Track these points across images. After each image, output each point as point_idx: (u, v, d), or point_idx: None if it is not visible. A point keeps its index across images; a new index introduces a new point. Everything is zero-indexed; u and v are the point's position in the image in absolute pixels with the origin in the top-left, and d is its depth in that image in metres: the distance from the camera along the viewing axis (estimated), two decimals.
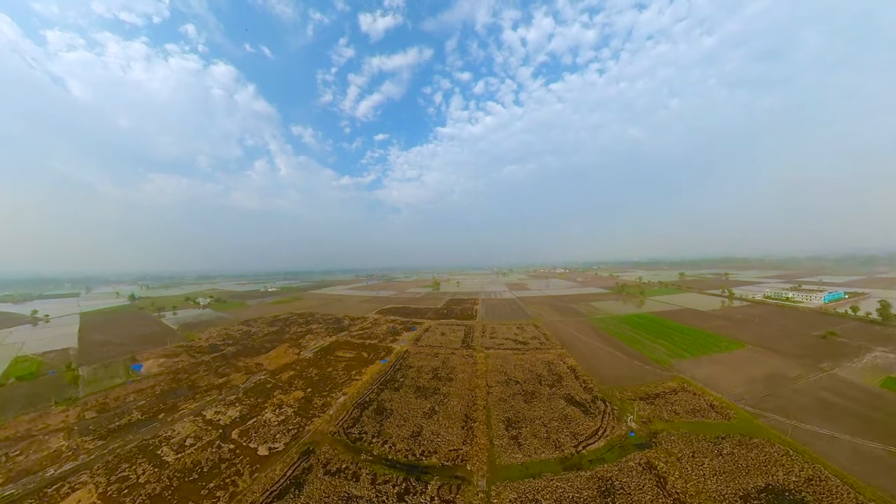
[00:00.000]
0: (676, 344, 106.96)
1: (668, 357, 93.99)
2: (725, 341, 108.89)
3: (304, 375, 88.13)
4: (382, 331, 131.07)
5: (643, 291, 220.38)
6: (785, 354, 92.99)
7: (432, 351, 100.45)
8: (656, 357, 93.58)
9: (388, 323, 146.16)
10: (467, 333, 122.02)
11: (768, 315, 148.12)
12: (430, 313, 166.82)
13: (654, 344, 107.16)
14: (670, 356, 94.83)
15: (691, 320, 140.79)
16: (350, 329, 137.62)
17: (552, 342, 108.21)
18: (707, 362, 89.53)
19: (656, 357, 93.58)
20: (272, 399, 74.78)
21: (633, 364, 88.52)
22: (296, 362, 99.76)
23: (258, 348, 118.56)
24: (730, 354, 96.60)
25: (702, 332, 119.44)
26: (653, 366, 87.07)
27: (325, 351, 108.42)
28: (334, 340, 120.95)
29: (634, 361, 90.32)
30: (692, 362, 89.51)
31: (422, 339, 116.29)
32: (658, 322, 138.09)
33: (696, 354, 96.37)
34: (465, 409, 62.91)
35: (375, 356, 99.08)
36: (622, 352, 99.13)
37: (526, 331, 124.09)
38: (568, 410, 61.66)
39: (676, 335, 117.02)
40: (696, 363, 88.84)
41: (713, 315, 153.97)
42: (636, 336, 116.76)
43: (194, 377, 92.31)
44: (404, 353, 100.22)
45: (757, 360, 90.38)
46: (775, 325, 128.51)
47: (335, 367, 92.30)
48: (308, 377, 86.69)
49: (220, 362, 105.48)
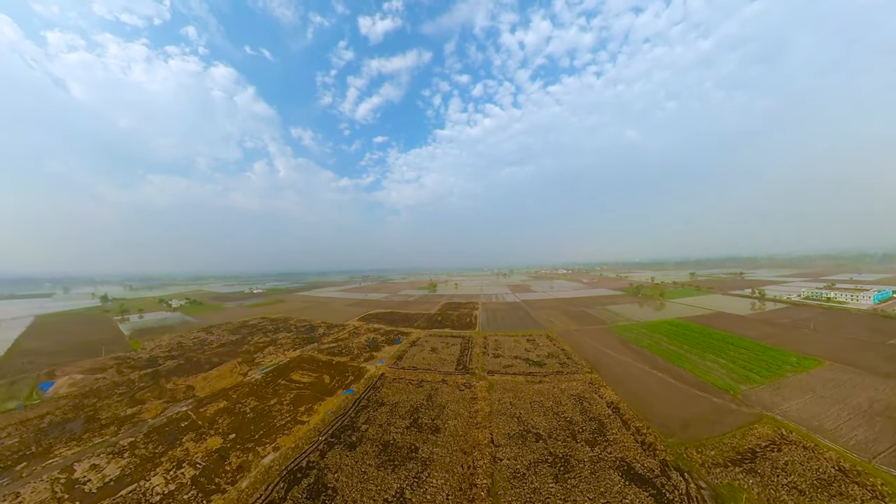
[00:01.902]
0: (733, 360, 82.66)
1: (734, 381, 69.73)
2: (793, 356, 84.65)
3: (237, 410, 63.97)
4: (359, 343, 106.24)
5: (662, 293, 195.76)
6: (877, 373, 69.68)
7: (416, 376, 75.10)
8: (718, 382, 69.25)
9: (368, 333, 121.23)
10: (464, 349, 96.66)
11: (819, 319, 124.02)
12: (422, 320, 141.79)
13: (704, 361, 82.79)
14: (735, 379, 70.58)
15: (733, 327, 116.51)
16: (321, 340, 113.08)
17: (576, 361, 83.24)
18: (787, 388, 65.60)
19: (718, 382, 69.25)
20: (177, 448, 51.10)
21: (693, 394, 64.12)
22: (236, 387, 75.61)
23: (202, 364, 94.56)
24: (809, 374, 72.65)
25: (756, 344, 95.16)
26: (720, 396, 62.80)
27: (278, 371, 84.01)
28: (297, 356, 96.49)
29: (693, 390, 65.88)
30: (769, 389, 65.41)
31: (405, 356, 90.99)
32: (695, 330, 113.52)
33: (767, 376, 72.19)
34: (457, 497, 38.42)
35: (339, 383, 74.56)
36: (670, 374, 74.61)
37: (539, 345, 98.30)
38: (629, 498, 36.70)
39: (727, 348, 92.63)
40: (774, 390, 64.77)
41: (754, 320, 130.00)
42: (678, 350, 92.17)
43: (101, 404, 69.16)
44: (378, 378, 75.29)
45: (847, 381, 66.94)
46: (836, 332, 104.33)
47: (282, 398, 67.91)
48: (240, 413, 62.48)
49: (146, 382, 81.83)
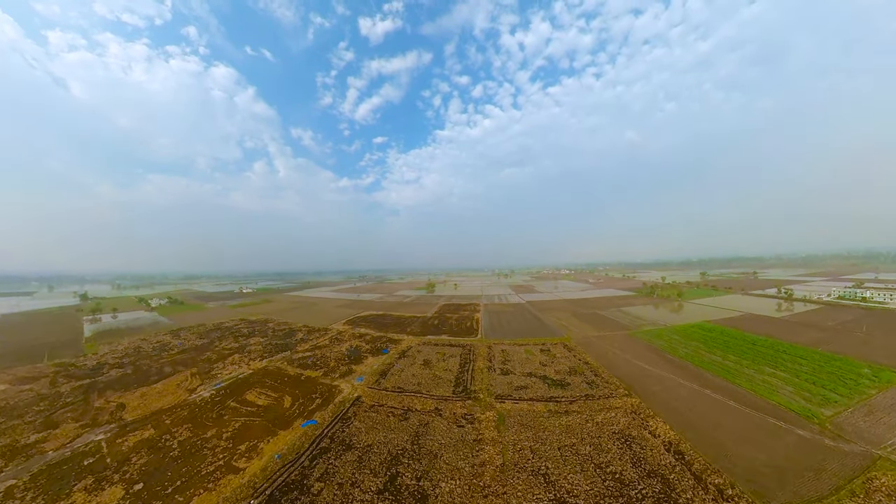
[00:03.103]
0: (796, 374, 66.93)
1: (810, 403, 54.07)
2: (864, 367, 69.15)
3: (162, 444, 48.28)
4: (339, 353, 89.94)
5: (680, 293, 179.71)
6: None
7: (401, 402, 57.76)
8: (792, 404, 53.51)
9: (353, 339, 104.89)
10: (465, 362, 77.40)
11: (866, 321, 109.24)
12: (416, 325, 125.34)
13: (761, 375, 67.00)
14: (811, 400, 54.92)
15: (774, 331, 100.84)
16: (296, 348, 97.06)
17: (606, 379, 65.70)
18: (882, 411, 50.46)
19: (792, 404, 53.51)
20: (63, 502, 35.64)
21: (769, 425, 48.19)
22: (176, 408, 59.93)
23: (150, 375, 79.17)
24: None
25: (812, 352, 79.52)
26: (804, 426, 47.11)
27: (233, 388, 68.21)
28: (261, 368, 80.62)
29: (766, 417, 49.92)
30: (860, 414, 50.06)
31: (391, 372, 73.46)
32: (733, 336, 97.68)
33: (847, 395, 56.78)
34: None
35: (301, 408, 58.38)
36: (727, 394, 58.56)
37: (556, 357, 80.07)
38: None
39: (780, 357, 76.86)
40: (867, 415, 49.56)
41: (794, 323, 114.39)
42: (723, 361, 76.25)
43: (7, 426, 54.79)
44: (352, 403, 58.51)
45: None
46: (892, 337, 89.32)
47: (224, 428, 52.03)
48: (164, 449, 46.78)
49: (75, 397, 66.66)
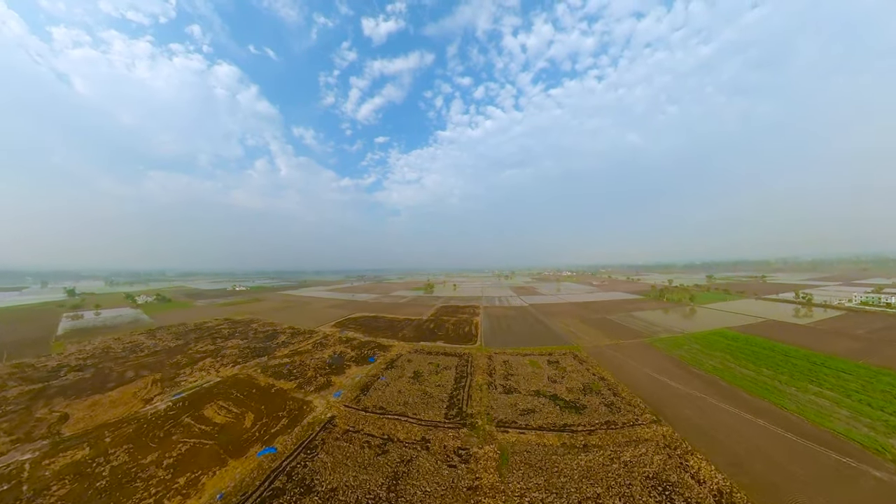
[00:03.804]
0: (846, 393, 57.76)
1: (877, 432, 45.14)
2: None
3: (93, 469, 39.40)
4: (319, 360, 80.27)
5: (693, 297, 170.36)
6: None
7: (381, 427, 46.77)
8: (856, 434, 44.45)
9: (338, 344, 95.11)
10: (461, 376, 66.24)
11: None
12: (409, 329, 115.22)
13: (806, 395, 57.82)
14: (875, 428, 45.99)
15: (804, 340, 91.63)
16: (274, 353, 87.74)
17: (628, 400, 54.95)
18: None
19: (856, 434, 44.45)
20: None
21: (838, 464, 38.95)
22: (123, 422, 51.09)
23: (109, 380, 70.58)
24: None
25: (854, 365, 70.28)
26: (881, 466, 37.93)
27: (193, 400, 59.17)
28: (231, 375, 71.50)
29: (830, 454, 40.62)
30: None
31: (375, 386, 61.85)
32: (760, 345, 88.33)
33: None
34: None
35: (263, 430, 49.00)
36: (774, 420, 49.13)
37: (566, 370, 69.06)
38: None
39: (821, 372, 67.62)
40: None
41: (822, 331, 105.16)
42: (758, 376, 66.85)
43: None
44: (323, 426, 48.00)
45: None
46: None
47: (168, 452, 42.98)
48: (92, 476, 37.92)
49: (18, 404, 58.45)
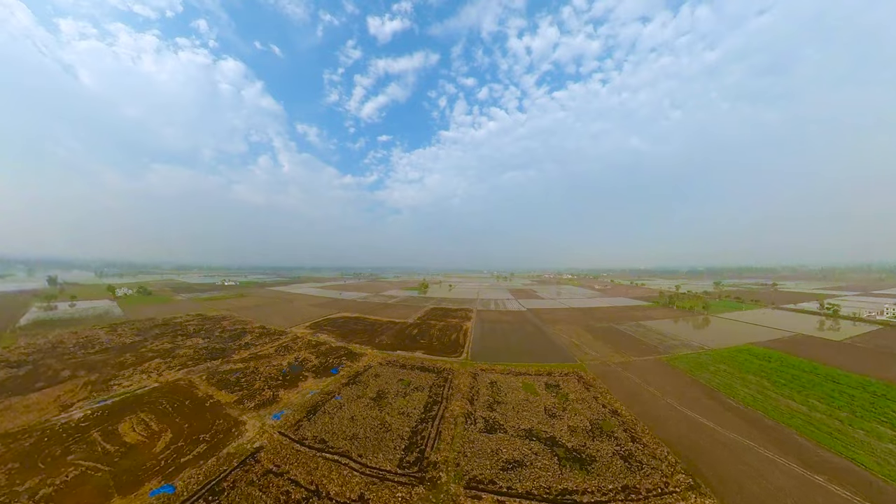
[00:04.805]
0: None
1: None
2: None
3: None
4: (276, 368, 68.38)
5: (707, 306, 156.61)
6: None
7: (312, 473, 34.89)
8: None
9: (304, 349, 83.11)
10: (433, 401, 53.71)
11: None
12: (389, 334, 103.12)
13: (881, 442, 45.08)
14: None
15: (846, 361, 78.95)
16: (231, 356, 76.06)
17: (650, 448, 41.94)
18: None
19: None
20: None
21: None
22: (27, 432, 40.00)
23: (40, 379, 60.35)
24: None
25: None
26: None
27: (116, 410, 47.88)
28: (171, 381, 59.90)
29: None
30: None
31: (325, 408, 50.05)
32: (800, 367, 75.05)
33: None
34: None
35: (173, 456, 37.46)
36: (856, 489, 36.42)
37: (569, 398, 55.82)
38: None
39: (889, 408, 54.58)
40: None
41: (863, 349, 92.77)
42: (810, 413, 53.93)
43: None
44: (242, 463, 36.39)
45: None
46: None
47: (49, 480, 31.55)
48: None
49: None
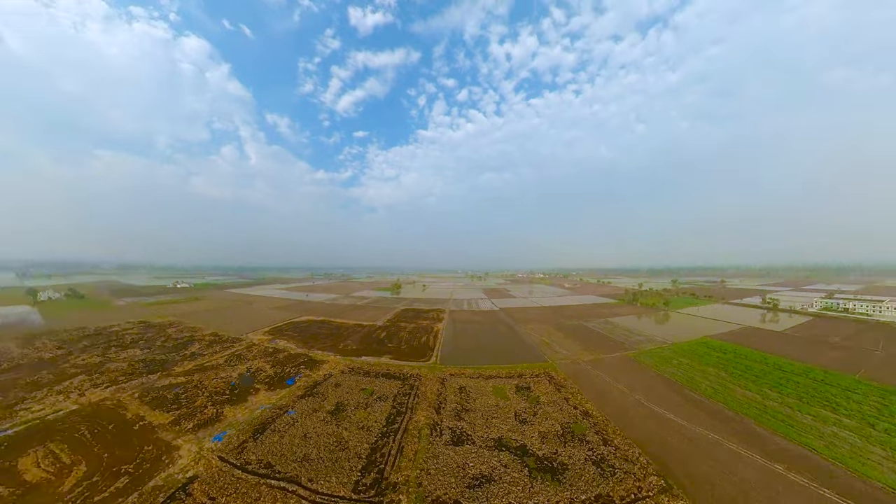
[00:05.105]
0: (867, 420, 48.41)
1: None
2: None
3: None
4: (224, 381, 60.50)
5: (668, 302, 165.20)
6: None
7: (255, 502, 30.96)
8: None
9: (259, 358, 74.81)
10: (397, 412, 48.86)
11: (866, 336, 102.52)
12: (355, 338, 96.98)
13: (826, 425, 47.38)
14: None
15: (789, 350, 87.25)
16: (174, 368, 66.80)
17: (622, 451, 40.52)
18: None
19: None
20: None
21: None
22: None
23: None
24: None
25: (855, 381, 62.93)
26: None
27: (18, 441, 39.40)
28: (95, 402, 50.68)
29: None
30: None
31: (275, 425, 44.79)
32: (752, 358, 79.83)
33: None
34: None
35: (85, 496, 30.50)
36: (814, 475, 36.93)
37: (540, 401, 53.37)
38: None
39: (828, 392, 58.75)
40: None
41: (800, 338, 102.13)
42: (764, 401, 56.11)
43: None
44: (170, 497, 30.87)
45: None
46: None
47: None
48: None
49: None
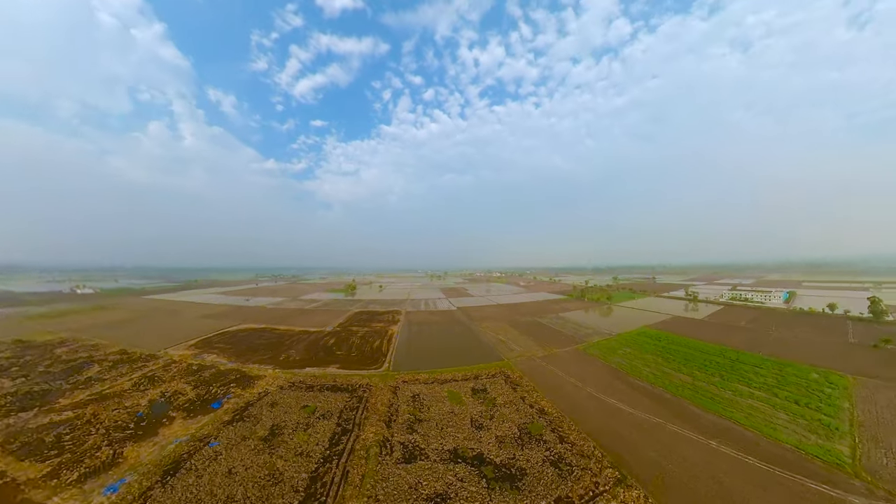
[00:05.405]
0: (772, 391, 60.35)
1: (820, 436, 44.72)
2: (812, 372, 67.98)
3: None
4: (131, 410, 50.50)
5: (610, 297, 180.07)
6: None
7: None
8: (811, 447, 41.90)
9: (179, 378, 64.05)
10: (343, 431, 43.75)
11: (764, 320, 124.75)
12: (299, 347, 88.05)
13: (742, 398, 58.01)
14: (818, 433, 45.13)
15: (709, 335, 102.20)
16: (59, 400, 54.82)
17: (578, 447, 40.96)
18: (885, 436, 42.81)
19: (811, 447, 41.90)
20: None
21: (808, 491, 34.11)
22: None
23: None
24: (869, 402, 53.14)
25: (759, 358, 78.08)
26: (851, 489, 34.80)
27: None
28: None
29: (808, 483, 35.93)
30: (872, 445, 41.47)
31: (191, 464, 36.43)
32: (681, 343, 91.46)
33: (836, 415, 49.21)
34: None
35: None
36: (738, 444, 44.88)
37: (497, 403, 52.59)
38: None
39: (741, 369, 72.01)
40: (876, 444, 40.92)
41: (716, 324, 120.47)
42: (694, 382, 65.95)
43: None
44: None
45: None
46: (796, 334, 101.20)
47: None
48: None
49: None
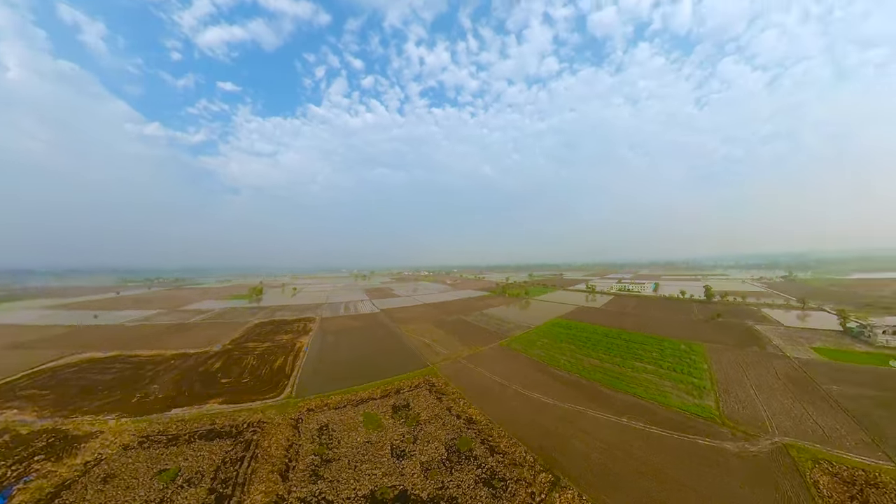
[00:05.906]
0: (658, 363, 70.01)
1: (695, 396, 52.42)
2: (680, 343, 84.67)
3: None
4: None
5: (528, 292, 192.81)
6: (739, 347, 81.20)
7: None
8: (692, 407, 49.88)
9: None
10: (217, 499, 31.99)
11: (642, 306, 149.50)
12: (168, 378, 64.39)
13: (640, 374, 67.53)
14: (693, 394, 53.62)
15: (607, 320, 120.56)
16: None
17: (510, 455, 38.69)
18: (734, 387, 54.86)
19: (692, 407, 49.88)
20: None
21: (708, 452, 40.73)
22: None
23: None
24: (719, 364, 66.96)
25: (646, 337, 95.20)
26: (723, 437, 42.52)
27: None
28: None
29: (697, 440, 42.77)
30: (726, 397, 51.49)
31: None
32: (588, 330, 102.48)
33: (702, 377, 60.63)
34: None
35: None
36: (642, 416, 50.25)
37: (421, 419, 47.11)
38: None
39: (634, 348, 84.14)
40: (730, 395, 51.39)
41: (611, 312, 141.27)
42: (602, 364, 74.15)
43: None
44: None
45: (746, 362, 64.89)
46: (666, 315, 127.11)
47: None
48: None
49: None
